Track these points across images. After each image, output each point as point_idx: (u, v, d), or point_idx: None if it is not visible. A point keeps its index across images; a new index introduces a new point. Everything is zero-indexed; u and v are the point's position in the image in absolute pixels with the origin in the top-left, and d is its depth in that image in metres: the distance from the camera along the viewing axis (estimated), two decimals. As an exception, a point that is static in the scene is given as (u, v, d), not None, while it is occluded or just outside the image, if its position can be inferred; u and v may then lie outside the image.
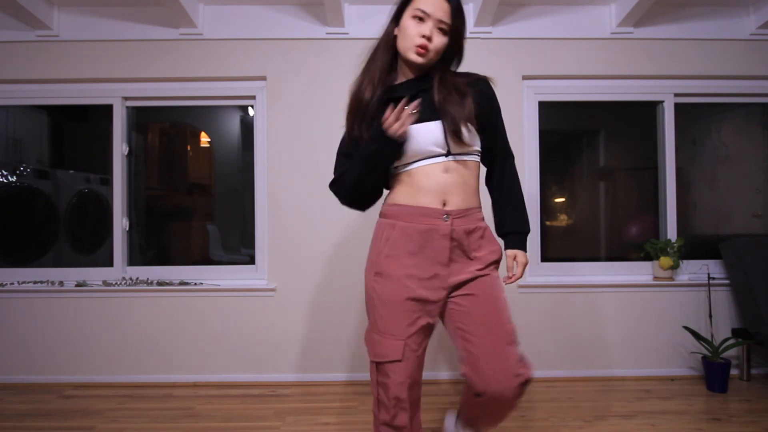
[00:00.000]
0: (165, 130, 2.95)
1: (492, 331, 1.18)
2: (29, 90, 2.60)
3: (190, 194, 2.95)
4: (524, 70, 2.56)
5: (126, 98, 2.62)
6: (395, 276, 1.21)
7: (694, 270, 2.62)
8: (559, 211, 2.85)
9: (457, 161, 1.23)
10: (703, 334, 2.47)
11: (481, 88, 1.27)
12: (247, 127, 2.78)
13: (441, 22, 1.19)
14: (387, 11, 1.31)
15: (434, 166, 1.22)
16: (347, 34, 2.53)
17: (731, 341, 2.44)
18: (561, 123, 2.80)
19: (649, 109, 2.72)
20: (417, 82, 1.26)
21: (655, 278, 2.57)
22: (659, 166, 2.71)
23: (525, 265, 1.31)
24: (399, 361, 1.18)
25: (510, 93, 2.54)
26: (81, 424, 1.99)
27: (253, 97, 2.62)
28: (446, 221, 1.21)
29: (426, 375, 2.49)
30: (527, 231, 1.33)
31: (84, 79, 2.56)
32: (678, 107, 2.67)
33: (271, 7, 2.54)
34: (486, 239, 1.28)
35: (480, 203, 1.31)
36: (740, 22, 2.59)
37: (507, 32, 2.55)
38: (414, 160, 1.23)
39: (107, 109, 2.62)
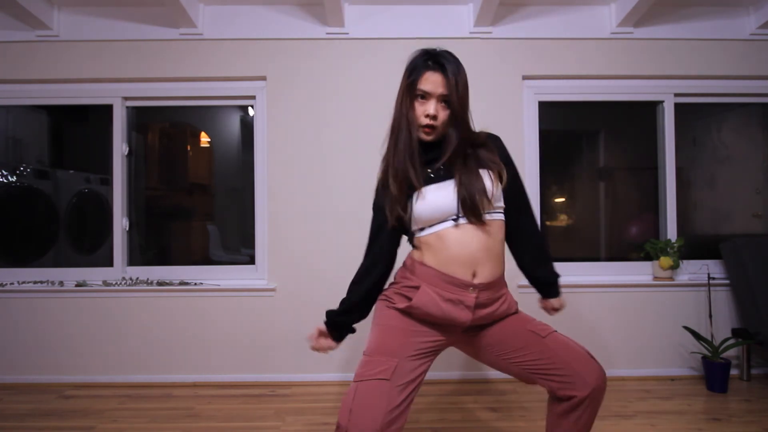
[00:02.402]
0: (165, 130, 2.94)
1: (544, 339, 1.24)
2: (29, 90, 2.60)
3: (190, 194, 2.95)
4: (524, 70, 2.56)
5: (126, 98, 2.62)
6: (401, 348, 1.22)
7: (694, 270, 2.62)
8: (559, 211, 2.85)
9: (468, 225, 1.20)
10: (703, 334, 2.47)
11: (498, 145, 1.30)
12: (247, 127, 2.78)
13: (442, 97, 1.21)
14: (387, 11, 1.31)
15: (444, 231, 1.20)
16: (347, 34, 2.53)
17: (731, 341, 2.44)
18: (561, 123, 2.80)
19: (649, 109, 2.72)
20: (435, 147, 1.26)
21: (655, 278, 2.57)
22: (659, 166, 2.71)
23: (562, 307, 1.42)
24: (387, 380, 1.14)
25: (510, 93, 2.54)
26: (81, 424, 1.99)
27: (253, 97, 2.62)
28: (473, 293, 1.20)
29: (427, 375, 2.49)
30: (558, 277, 1.39)
31: (84, 79, 2.56)
32: (678, 107, 2.67)
33: (271, 7, 2.54)
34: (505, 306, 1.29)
35: (504, 270, 1.28)
36: (740, 22, 2.59)
37: (507, 32, 2.55)
38: (426, 225, 1.23)
39: (107, 109, 2.62)
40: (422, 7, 2.54)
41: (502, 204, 1.26)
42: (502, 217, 1.26)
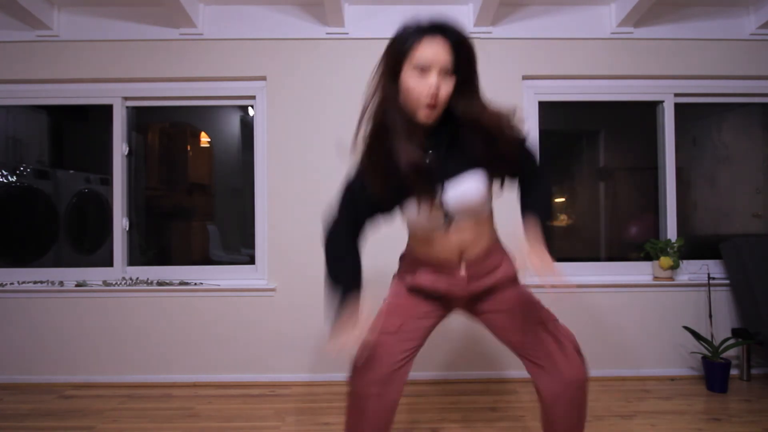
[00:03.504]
0: (165, 130, 2.95)
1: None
2: (29, 90, 2.60)
3: (190, 194, 2.95)
4: (524, 70, 2.56)
5: (126, 98, 2.62)
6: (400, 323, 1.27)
7: (694, 270, 2.62)
8: (559, 211, 2.85)
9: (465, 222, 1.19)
10: (703, 334, 2.47)
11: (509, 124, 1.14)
12: (247, 127, 2.78)
13: (443, 68, 1.04)
14: (387, 11, 1.28)
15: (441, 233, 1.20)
16: (347, 34, 2.53)
17: (731, 341, 2.44)
18: (561, 123, 2.80)
19: (649, 109, 2.72)
20: (440, 129, 1.13)
21: (655, 278, 2.57)
22: (659, 166, 2.70)
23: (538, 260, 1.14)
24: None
25: (510, 93, 2.54)
26: (81, 424, 1.99)
27: (253, 97, 2.62)
28: (462, 272, 1.23)
29: (426, 375, 2.49)
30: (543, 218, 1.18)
31: (84, 79, 2.56)
32: (678, 107, 2.67)
33: (271, 7, 2.54)
34: (503, 266, 1.27)
35: (497, 237, 1.29)
36: (740, 22, 2.59)
37: (507, 32, 2.55)
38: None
39: (107, 109, 2.62)
40: (422, 7, 2.54)
41: (491, 202, 1.24)
42: (490, 207, 1.25)
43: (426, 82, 1.03)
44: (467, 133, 1.10)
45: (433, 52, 1.03)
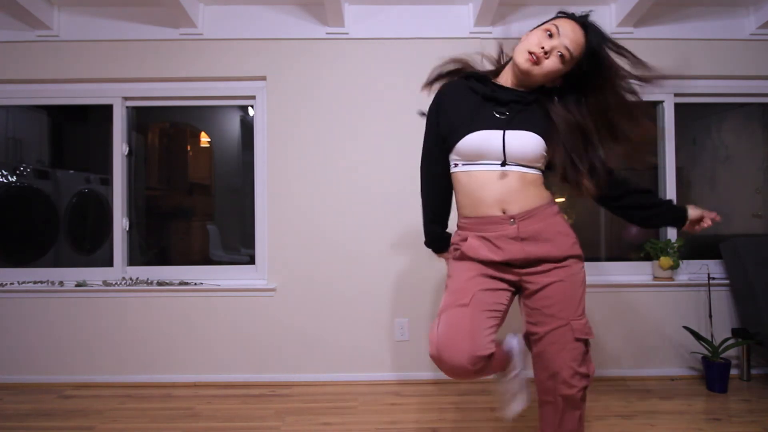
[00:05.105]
0: (165, 130, 2.95)
1: None
2: (29, 90, 2.60)
3: (190, 194, 2.95)
4: (524, 70, 2.56)
5: (126, 98, 2.62)
6: (466, 276, 1.26)
7: (694, 270, 2.62)
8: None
9: (514, 172, 1.23)
10: (703, 334, 2.47)
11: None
12: (247, 127, 2.78)
13: (566, 48, 1.17)
14: (387, 11, 1.30)
15: (489, 173, 1.23)
16: (347, 34, 2.53)
17: (731, 341, 2.44)
18: (561, 123, 2.80)
19: (649, 109, 2.72)
20: (516, 93, 1.25)
21: (655, 278, 2.57)
22: (659, 166, 2.71)
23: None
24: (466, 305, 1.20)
25: (510, 93, 2.54)
26: (81, 424, 1.99)
27: (253, 97, 2.62)
28: (513, 225, 1.22)
29: (426, 375, 2.49)
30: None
31: (84, 79, 2.56)
32: (678, 107, 2.67)
33: (271, 7, 2.54)
34: (561, 234, 1.27)
35: (550, 198, 1.30)
36: (740, 22, 2.59)
37: (507, 32, 2.55)
38: (469, 162, 1.25)
39: (107, 109, 2.62)
40: (422, 7, 2.54)
41: (541, 164, 1.27)
42: (541, 173, 1.29)
43: (543, 40, 1.16)
44: (555, 109, 1.23)
45: (569, 29, 1.16)
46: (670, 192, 2.65)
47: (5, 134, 2.76)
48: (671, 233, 2.64)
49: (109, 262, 2.62)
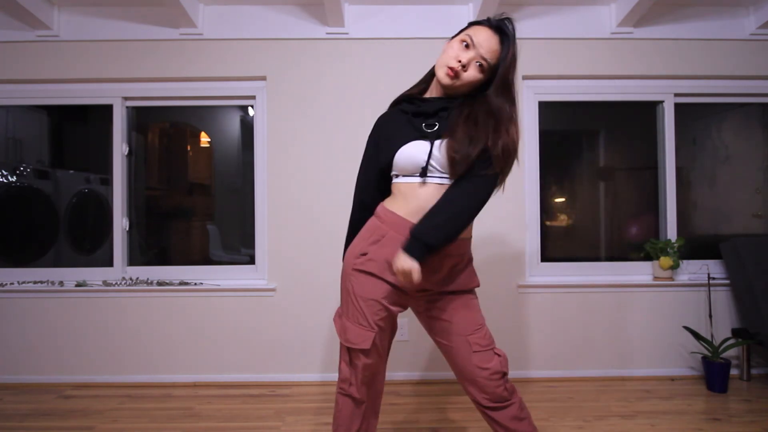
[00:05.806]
0: (165, 130, 2.94)
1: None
2: (29, 90, 2.60)
3: (190, 194, 2.95)
4: (524, 70, 2.56)
5: (126, 98, 2.63)
6: (373, 275, 1.24)
7: (694, 270, 2.62)
8: (558, 211, 2.84)
9: (437, 184, 1.21)
10: (703, 334, 2.47)
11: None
12: (247, 127, 2.78)
13: (483, 58, 1.18)
14: (387, 11, 1.30)
15: (415, 185, 1.23)
16: (347, 34, 2.53)
17: (731, 341, 2.44)
18: (561, 123, 2.80)
19: (649, 109, 2.72)
20: (441, 102, 1.26)
21: (655, 278, 2.57)
22: (659, 166, 2.71)
23: (400, 270, 1.11)
24: (367, 350, 1.23)
25: (510, 93, 2.54)
26: (81, 424, 1.99)
27: (253, 97, 2.62)
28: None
29: (426, 375, 2.49)
30: (419, 237, 1.13)
31: (84, 79, 2.56)
32: (678, 107, 2.67)
33: (271, 7, 2.54)
34: (466, 272, 1.29)
35: (468, 232, 1.29)
36: (740, 22, 2.59)
37: (507, 32, 2.55)
38: (401, 174, 1.26)
39: (107, 109, 2.62)
40: (422, 7, 2.54)
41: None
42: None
43: (461, 53, 1.18)
44: (465, 112, 1.21)
45: (484, 39, 1.18)
46: (670, 192, 2.65)
47: (5, 134, 2.76)
48: (671, 233, 2.64)
49: (109, 262, 2.62)
